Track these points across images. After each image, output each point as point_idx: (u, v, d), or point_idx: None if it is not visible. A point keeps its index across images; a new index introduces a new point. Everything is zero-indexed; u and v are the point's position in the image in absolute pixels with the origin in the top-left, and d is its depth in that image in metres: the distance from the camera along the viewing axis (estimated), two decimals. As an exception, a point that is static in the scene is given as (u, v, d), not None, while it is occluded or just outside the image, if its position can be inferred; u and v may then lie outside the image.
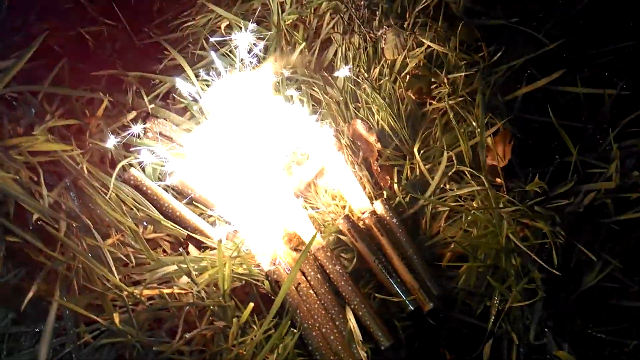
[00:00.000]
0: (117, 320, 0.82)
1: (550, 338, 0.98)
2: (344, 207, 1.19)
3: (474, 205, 1.08)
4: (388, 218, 1.14)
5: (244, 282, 1.00)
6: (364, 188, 1.20)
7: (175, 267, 0.94)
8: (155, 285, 0.93)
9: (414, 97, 1.17)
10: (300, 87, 1.30)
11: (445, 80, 1.11)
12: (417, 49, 1.17)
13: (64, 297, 0.86)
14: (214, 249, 1.06)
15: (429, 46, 1.15)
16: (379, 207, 1.15)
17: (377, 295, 1.08)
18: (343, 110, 1.28)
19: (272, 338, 0.88)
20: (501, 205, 1.04)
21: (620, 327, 0.98)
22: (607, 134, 1.10)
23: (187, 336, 0.82)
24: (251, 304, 0.90)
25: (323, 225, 1.16)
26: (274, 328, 0.92)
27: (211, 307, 0.88)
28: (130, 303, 0.89)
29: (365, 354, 0.97)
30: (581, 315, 1.01)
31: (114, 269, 0.90)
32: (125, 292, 0.89)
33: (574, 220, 1.00)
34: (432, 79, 1.14)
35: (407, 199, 1.18)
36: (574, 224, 1.00)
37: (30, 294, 0.83)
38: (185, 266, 0.90)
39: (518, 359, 0.98)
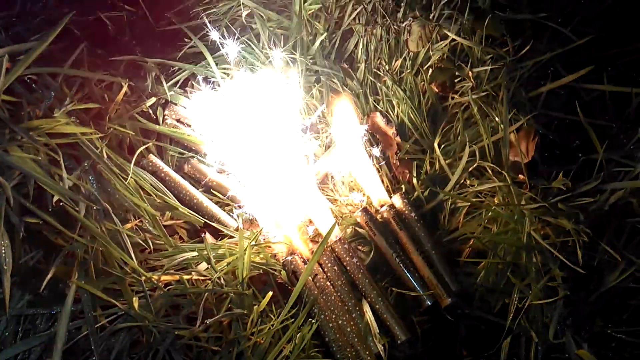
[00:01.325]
0: (135, 304, 0.81)
1: (569, 337, 0.96)
2: (362, 200, 1.18)
3: (495, 201, 1.07)
4: (406, 212, 1.13)
5: (261, 271, 0.99)
6: (382, 182, 1.19)
7: (194, 253, 0.93)
8: (172, 271, 0.92)
9: (436, 91, 1.15)
10: (320, 78, 1.29)
11: (470, 74, 1.09)
12: (441, 42, 1.16)
13: (81, 280, 0.85)
14: (231, 237, 1.06)
15: (453, 39, 1.14)
16: (398, 201, 1.14)
17: (394, 289, 1.06)
18: (362, 102, 1.27)
19: (290, 328, 0.87)
20: (523, 202, 1.02)
21: (641, 328, 0.97)
22: (632, 134, 1.08)
23: (207, 322, 0.81)
24: (270, 292, 0.89)
25: (341, 217, 1.14)
26: (291, 318, 0.91)
27: (230, 295, 0.87)
28: (147, 289, 0.88)
29: (382, 347, 0.96)
30: (601, 315, 0.99)
31: (132, 253, 0.89)
32: (143, 277, 0.88)
33: (598, 219, 0.98)
34: (456, 73, 1.13)
35: (426, 193, 1.16)
36: (597, 222, 0.98)
37: (49, 275, 0.82)
38: (205, 252, 0.89)
39: (536, 357, 0.97)
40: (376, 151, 1.20)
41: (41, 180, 0.86)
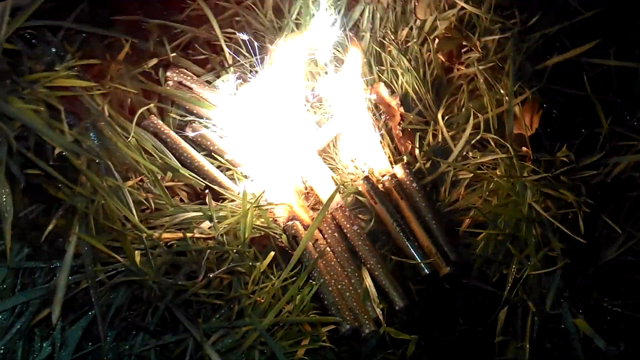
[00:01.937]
0: (137, 259, 0.81)
1: (566, 308, 0.97)
2: (363, 169, 1.17)
3: (497, 173, 1.07)
4: (408, 182, 1.13)
5: (262, 234, 0.98)
6: (385, 152, 1.18)
7: (195, 213, 0.93)
8: (174, 230, 0.92)
9: (443, 60, 1.14)
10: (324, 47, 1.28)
11: (477, 44, 1.08)
12: (449, 11, 1.14)
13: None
14: (232, 200, 1.05)
15: (461, 8, 1.13)
16: (399, 171, 1.14)
17: (393, 257, 1.07)
18: (366, 72, 1.26)
19: (290, 288, 0.87)
20: (525, 174, 1.02)
21: (637, 301, 0.98)
22: (637, 110, 1.08)
23: (210, 275, 0.81)
24: (272, 253, 0.89)
25: (342, 185, 1.14)
26: (291, 278, 0.91)
27: (231, 253, 0.87)
28: (148, 246, 0.88)
29: (380, 312, 0.97)
30: (598, 288, 1.00)
31: (133, 209, 0.88)
32: (144, 234, 0.87)
33: (600, 192, 0.99)
34: (463, 43, 1.12)
35: (428, 165, 1.16)
36: (599, 196, 0.99)
37: (50, 227, 0.81)
38: (209, 211, 0.89)
39: (533, 327, 0.98)
40: (379, 121, 1.19)
41: (42, 132, 0.85)
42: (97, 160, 0.88)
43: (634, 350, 0.94)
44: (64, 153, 0.86)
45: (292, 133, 1.10)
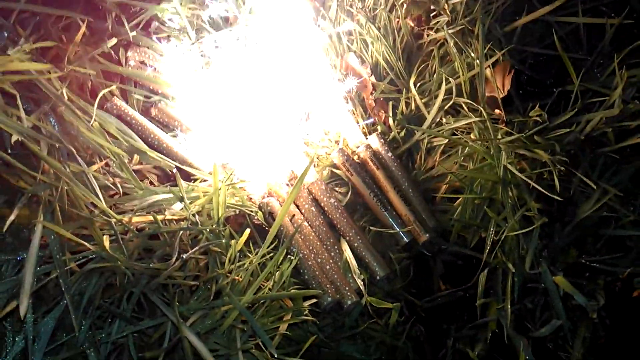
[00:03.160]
0: (107, 244, 0.78)
1: (545, 267, 0.98)
2: (337, 141, 1.15)
3: (472, 137, 1.06)
4: (383, 152, 1.11)
5: (237, 212, 0.96)
6: (358, 123, 1.17)
7: (166, 195, 0.90)
8: (144, 213, 0.89)
9: (412, 25, 1.12)
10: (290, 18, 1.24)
11: (446, 7, 1.06)
12: (416, -25, 1.12)
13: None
14: (204, 181, 1.02)
15: (428, -29, 1.11)
16: (374, 141, 1.12)
17: (371, 228, 1.06)
18: (335, 43, 1.23)
19: (269, 264, 0.85)
20: (499, 137, 1.02)
21: (614, 256, 0.99)
22: (606, 67, 1.08)
23: (183, 257, 0.79)
24: (248, 230, 0.87)
25: (317, 158, 1.12)
26: (269, 254, 0.89)
27: (205, 233, 0.85)
28: (119, 231, 0.85)
29: (362, 283, 0.96)
30: (576, 246, 1.01)
31: (100, 195, 0.85)
32: (113, 219, 0.84)
33: (574, 150, 0.99)
34: (432, 7, 1.10)
35: (402, 134, 1.15)
36: (573, 153, 0.99)
37: (12, 217, 0.78)
38: (179, 192, 0.86)
39: (513, 288, 0.98)
40: (350, 92, 1.17)
41: (-3, 119, 0.81)
42: (57, 146, 0.84)
43: (613, 304, 0.96)
44: (22, 140, 0.82)
45: (264, 108, 1.08)
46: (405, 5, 1.13)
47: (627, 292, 0.98)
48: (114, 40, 1.12)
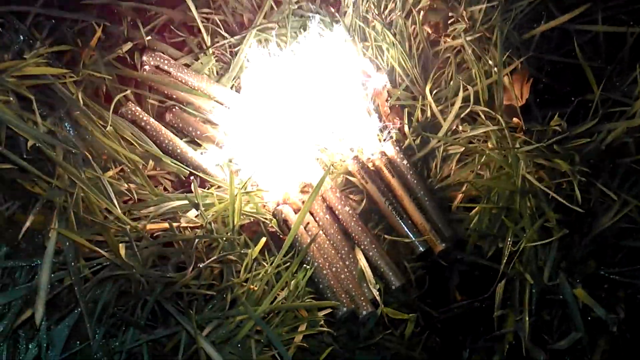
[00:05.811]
0: (122, 252, 0.77)
1: (563, 279, 0.96)
2: (352, 149, 1.14)
3: (489, 146, 1.05)
4: (398, 160, 1.10)
5: (251, 219, 0.95)
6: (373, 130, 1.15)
7: (181, 202, 0.89)
8: (159, 220, 0.88)
9: (429, 32, 1.11)
10: (305, 24, 1.23)
11: (464, 14, 1.05)
12: (434, -19, 1.11)
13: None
14: (219, 187, 1.01)
15: (446, -23, 1.10)
16: (389, 148, 1.11)
17: (386, 236, 1.05)
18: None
19: (284, 274, 0.84)
20: (517, 146, 1.00)
21: (634, 268, 0.97)
22: (626, 76, 1.07)
23: (200, 265, 0.78)
24: (263, 239, 0.86)
25: (331, 166, 1.11)
26: (284, 264, 0.88)
27: (221, 241, 0.84)
28: (133, 238, 0.84)
29: (377, 292, 0.95)
30: (595, 257, 0.99)
31: (115, 201, 0.84)
32: (128, 226, 0.83)
33: (594, 160, 0.97)
34: (450, 13, 1.09)
35: (418, 141, 1.14)
36: (593, 163, 0.97)
37: (27, 224, 0.77)
38: (195, 199, 0.85)
39: (531, 299, 0.97)
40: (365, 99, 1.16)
41: (14, 124, 0.80)
42: (73, 151, 0.83)
43: (634, 317, 0.94)
44: (37, 145, 0.82)
45: (280, 116, 1.07)
46: (422, 12, 1.12)
47: (647, 305, 0.96)
48: (129, 45, 1.11)
